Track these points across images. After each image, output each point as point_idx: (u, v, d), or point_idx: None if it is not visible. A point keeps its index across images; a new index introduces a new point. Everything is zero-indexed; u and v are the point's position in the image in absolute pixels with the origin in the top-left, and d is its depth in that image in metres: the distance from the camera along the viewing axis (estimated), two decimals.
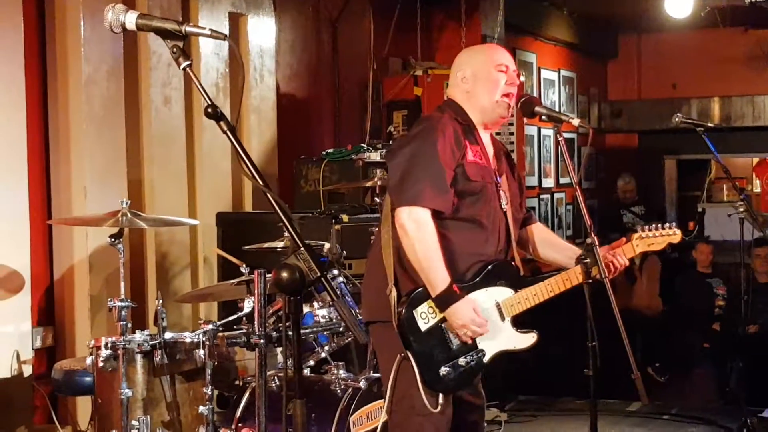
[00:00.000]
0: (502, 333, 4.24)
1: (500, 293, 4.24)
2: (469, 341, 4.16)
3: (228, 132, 2.59)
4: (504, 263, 4.28)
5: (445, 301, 4.07)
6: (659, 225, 4.41)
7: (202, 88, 2.60)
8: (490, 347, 4.22)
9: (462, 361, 4.17)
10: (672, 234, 4.42)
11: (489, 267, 4.21)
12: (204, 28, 2.64)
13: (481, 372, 4.30)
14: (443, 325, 4.14)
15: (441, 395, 4.14)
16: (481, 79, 4.30)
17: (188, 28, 2.63)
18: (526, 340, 4.29)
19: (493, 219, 4.24)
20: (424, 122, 4.31)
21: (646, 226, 4.39)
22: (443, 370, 4.14)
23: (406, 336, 4.11)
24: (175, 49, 2.63)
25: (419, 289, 4.11)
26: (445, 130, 4.15)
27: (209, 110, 2.60)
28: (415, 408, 4.14)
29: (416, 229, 4.03)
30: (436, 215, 4.09)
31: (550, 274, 4.30)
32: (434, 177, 4.07)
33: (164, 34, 2.66)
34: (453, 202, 4.14)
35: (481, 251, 4.22)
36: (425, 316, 4.12)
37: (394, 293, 4.13)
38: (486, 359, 4.22)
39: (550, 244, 4.56)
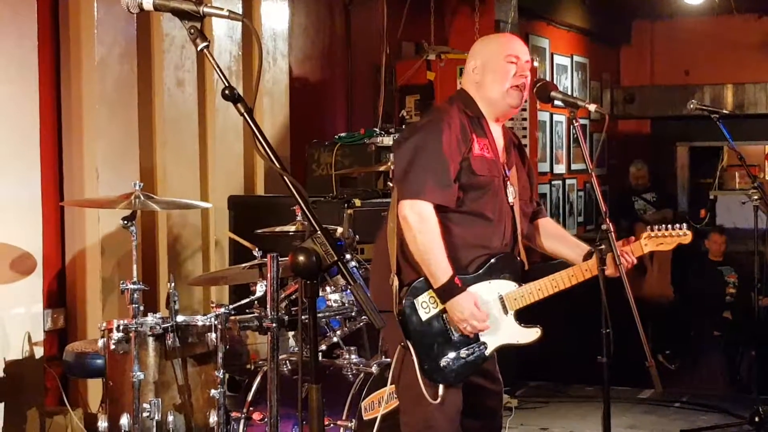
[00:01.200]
0: (505, 327, 4.22)
1: (503, 286, 4.21)
2: (470, 335, 4.14)
3: (245, 114, 2.57)
4: (508, 256, 4.25)
5: (446, 293, 4.06)
6: (670, 225, 4.37)
7: (219, 69, 2.58)
8: (491, 340, 4.20)
9: (463, 353, 4.15)
10: (683, 235, 4.36)
11: (492, 260, 4.19)
12: (222, 9, 2.62)
13: (483, 364, 4.25)
14: (444, 315, 4.13)
15: (441, 386, 4.13)
16: (490, 70, 4.25)
17: (206, 9, 2.61)
18: (530, 335, 4.26)
19: (499, 213, 4.21)
20: (432, 114, 4.29)
21: (656, 227, 4.35)
22: (444, 361, 4.12)
23: (407, 326, 4.10)
24: (192, 30, 2.61)
25: (421, 279, 4.10)
26: (451, 123, 4.12)
27: (226, 92, 2.58)
28: (420, 397, 4.13)
29: (418, 221, 4.02)
30: (440, 208, 4.08)
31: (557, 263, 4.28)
32: (438, 171, 4.05)
33: (181, 14, 2.63)
34: (458, 195, 4.12)
35: (486, 244, 4.20)
36: (426, 306, 4.11)
37: (396, 282, 4.12)
38: (487, 352, 4.20)
39: (558, 238, 4.52)
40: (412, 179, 4.06)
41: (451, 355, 4.13)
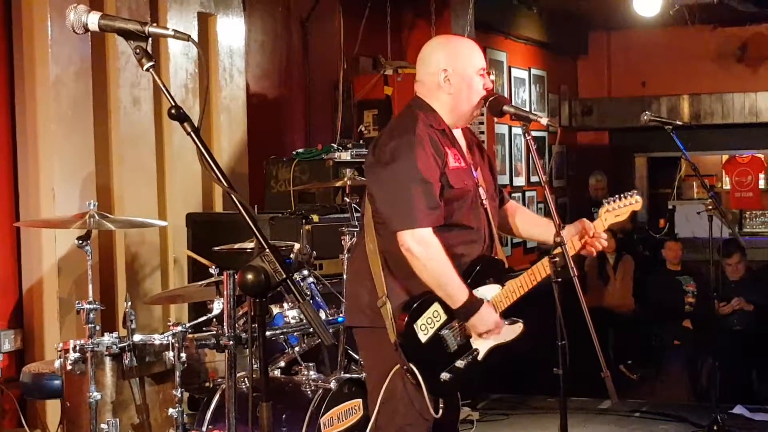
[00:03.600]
0: None
1: (490, 291, 4.24)
2: (491, 338, 4.18)
3: (192, 133, 2.57)
4: (490, 260, 4.28)
5: (469, 310, 4.10)
6: (621, 195, 4.41)
7: (166, 88, 2.58)
8: (483, 345, 4.23)
9: (459, 363, 4.18)
10: (634, 202, 4.42)
11: (478, 267, 4.21)
12: (167, 29, 2.62)
13: (478, 370, 4.27)
14: (442, 332, 4.14)
15: (441, 399, 4.17)
16: (465, 83, 4.24)
17: (151, 29, 2.61)
18: (514, 330, 4.31)
19: (478, 220, 4.24)
20: (400, 135, 4.15)
21: (611, 198, 4.40)
22: (444, 375, 4.15)
23: (408, 350, 4.09)
24: (138, 50, 2.61)
25: (416, 303, 4.10)
26: (423, 143, 4.09)
27: (173, 111, 2.58)
28: (398, 412, 4.15)
29: (423, 250, 4.02)
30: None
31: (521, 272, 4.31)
32: (424, 195, 4.03)
33: (127, 34, 2.63)
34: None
35: (469, 252, 4.22)
36: (425, 328, 4.11)
37: (388, 306, 4.10)
38: (480, 357, 4.24)
39: (527, 221, 4.58)
40: (403, 210, 4.04)
41: (449, 368, 4.16)
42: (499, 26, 11.77)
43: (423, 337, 4.11)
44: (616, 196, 4.41)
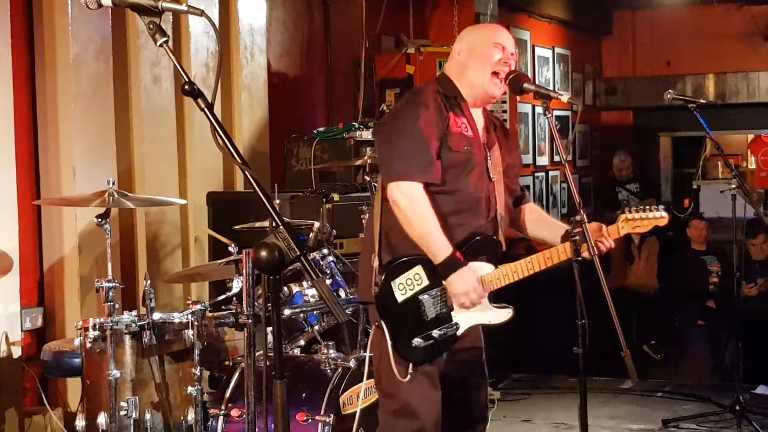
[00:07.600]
0: (478, 307, 4.22)
1: (481, 268, 4.20)
2: (468, 308, 4.14)
3: (205, 109, 2.56)
4: (487, 238, 4.23)
5: (447, 268, 4.07)
6: (646, 207, 4.34)
7: (179, 64, 2.56)
8: (464, 320, 4.20)
9: (435, 333, 4.15)
10: (659, 217, 4.34)
11: (473, 241, 4.18)
12: (181, 4, 2.60)
13: (453, 344, 4.23)
14: (421, 297, 4.13)
15: (411, 365, 4.13)
16: (475, 54, 4.28)
17: (164, 4, 2.59)
18: (502, 315, 4.26)
19: (481, 190, 4.21)
20: (407, 96, 4.32)
21: (633, 208, 4.33)
22: (416, 340, 4.12)
23: (382, 307, 4.13)
24: (151, 26, 2.59)
25: (398, 261, 4.12)
26: (427, 102, 4.13)
27: (186, 87, 2.57)
28: (380, 371, 4.19)
29: (408, 202, 4.04)
30: (426, 188, 4.07)
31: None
32: (419, 151, 4.06)
33: (140, 10, 2.61)
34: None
35: (467, 222, 4.19)
36: (402, 288, 4.12)
37: (375, 263, 4.15)
38: (459, 332, 4.20)
39: (540, 221, 4.53)
40: (395, 163, 4.08)
41: (424, 335, 4.13)
42: (522, 4, 11.69)
43: (399, 297, 4.12)
44: (641, 207, 4.33)
